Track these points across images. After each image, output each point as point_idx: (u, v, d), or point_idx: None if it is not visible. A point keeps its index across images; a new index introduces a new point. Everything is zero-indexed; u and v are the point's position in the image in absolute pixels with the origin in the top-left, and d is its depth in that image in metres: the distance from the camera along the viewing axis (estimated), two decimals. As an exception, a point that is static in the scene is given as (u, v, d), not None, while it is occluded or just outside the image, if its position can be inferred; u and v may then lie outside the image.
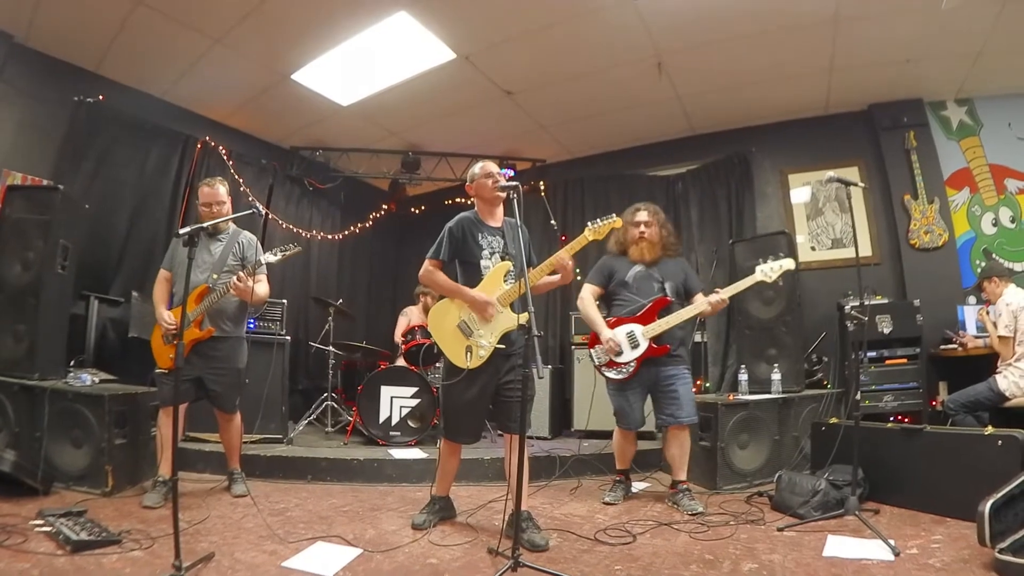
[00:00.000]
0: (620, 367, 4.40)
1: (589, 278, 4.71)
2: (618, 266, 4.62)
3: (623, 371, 4.39)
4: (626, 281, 4.53)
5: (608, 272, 4.64)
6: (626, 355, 4.37)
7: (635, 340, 4.35)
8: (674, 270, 4.58)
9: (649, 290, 4.47)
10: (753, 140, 7.61)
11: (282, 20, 5.64)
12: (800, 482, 4.02)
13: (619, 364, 4.39)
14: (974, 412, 5.07)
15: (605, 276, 4.64)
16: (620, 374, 4.41)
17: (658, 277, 4.51)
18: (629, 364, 4.37)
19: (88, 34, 5.80)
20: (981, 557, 2.93)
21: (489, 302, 3.56)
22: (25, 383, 4.36)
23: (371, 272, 9.91)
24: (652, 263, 4.54)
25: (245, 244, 4.47)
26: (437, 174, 8.66)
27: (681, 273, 4.61)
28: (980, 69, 6.25)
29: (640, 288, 4.49)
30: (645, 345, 4.33)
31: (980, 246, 6.63)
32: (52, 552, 2.94)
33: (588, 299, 4.61)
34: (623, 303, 4.52)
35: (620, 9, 5.42)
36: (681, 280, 4.57)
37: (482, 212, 3.85)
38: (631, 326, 4.39)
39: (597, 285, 4.65)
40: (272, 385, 5.75)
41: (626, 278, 4.54)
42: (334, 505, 4.28)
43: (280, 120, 7.86)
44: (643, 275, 4.52)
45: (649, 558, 3.18)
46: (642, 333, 4.34)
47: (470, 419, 3.73)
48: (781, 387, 5.33)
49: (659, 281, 4.49)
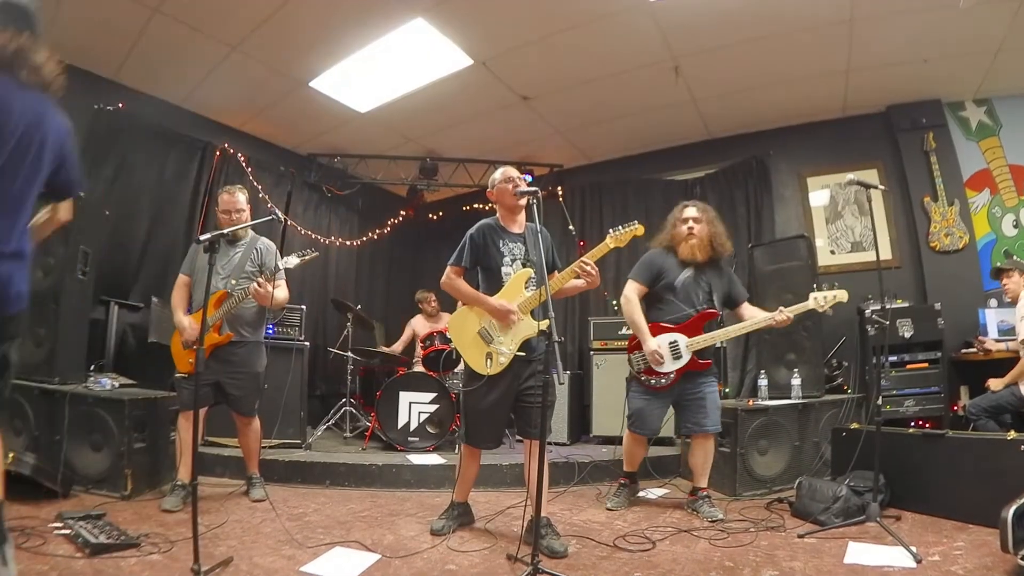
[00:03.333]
0: (660, 376, 4.27)
1: (634, 274, 4.48)
2: (668, 266, 4.39)
3: (662, 380, 4.27)
4: (674, 285, 4.33)
5: (657, 271, 4.41)
6: (667, 366, 4.23)
7: (678, 351, 4.21)
8: (721, 278, 4.43)
9: (695, 298, 4.32)
10: (771, 143, 7.57)
11: (299, 27, 5.67)
12: (821, 488, 3.97)
13: (659, 374, 4.27)
14: (996, 417, 5.00)
15: (653, 274, 4.41)
16: (659, 383, 4.28)
17: (706, 287, 4.35)
18: (670, 375, 4.25)
19: (106, 42, 5.85)
20: (1004, 564, 2.89)
21: (510, 309, 3.55)
22: (46, 387, 4.39)
23: (389, 278, 9.94)
24: (702, 265, 4.36)
25: (263, 250, 4.49)
26: (455, 180, 8.68)
27: (726, 281, 4.46)
28: (998, 68, 6.18)
29: (687, 295, 4.32)
30: (688, 358, 4.20)
31: (1001, 248, 6.55)
32: (71, 555, 2.95)
33: (634, 300, 4.37)
34: (667, 308, 4.34)
35: (636, 13, 5.42)
36: (726, 289, 4.44)
37: (504, 218, 3.82)
38: (674, 335, 4.24)
39: (643, 283, 4.42)
40: (291, 390, 5.75)
41: (675, 282, 4.33)
42: (352, 510, 4.29)
43: (298, 127, 7.90)
44: (691, 282, 4.34)
45: (669, 565, 3.16)
46: (686, 345, 4.20)
47: (490, 424, 3.71)
48: (801, 392, 5.28)
49: (707, 291, 4.35)
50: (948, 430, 4.29)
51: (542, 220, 3.31)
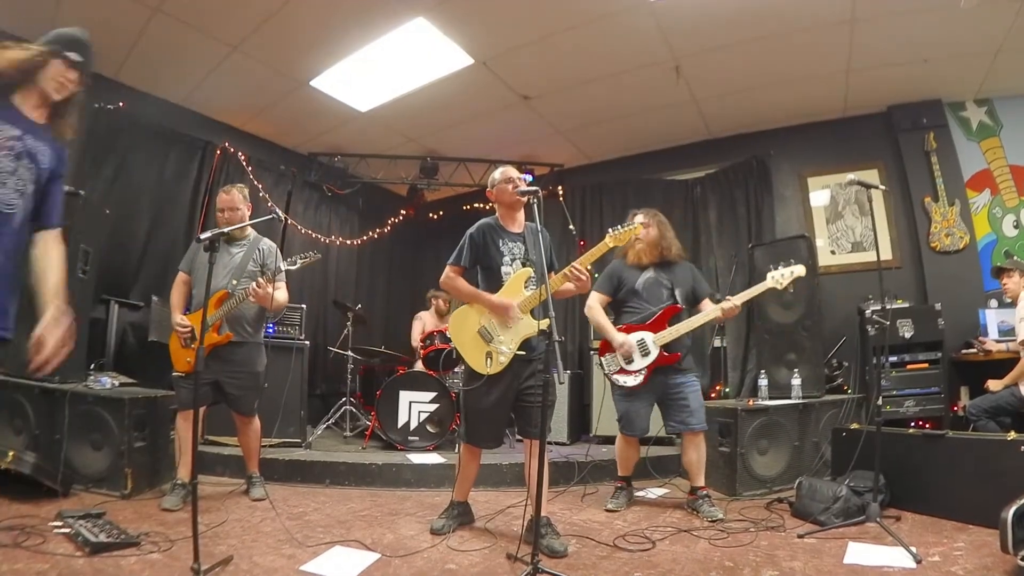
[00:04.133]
0: (631, 374, 4.35)
1: (596, 286, 4.63)
2: (627, 274, 4.57)
3: (634, 379, 4.35)
4: (636, 289, 4.49)
5: (616, 280, 4.59)
6: (637, 362, 4.33)
7: (646, 348, 4.32)
8: (683, 276, 4.54)
9: (659, 297, 4.44)
10: (771, 143, 7.56)
11: (299, 27, 5.67)
12: (821, 488, 3.97)
13: (630, 371, 4.35)
14: (996, 417, 4.99)
15: (613, 284, 4.60)
16: (631, 381, 4.36)
17: (667, 284, 4.47)
18: (640, 371, 4.32)
19: (107, 42, 5.82)
20: (1004, 565, 2.89)
21: (510, 305, 3.55)
22: (46, 386, 4.39)
23: (390, 277, 9.94)
24: (659, 267, 4.50)
25: (265, 251, 4.49)
26: (455, 179, 8.68)
27: (690, 278, 4.56)
28: (999, 68, 6.17)
29: (650, 295, 4.45)
30: (656, 353, 4.29)
31: (1001, 248, 6.54)
32: (71, 553, 2.95)
33: (596, 307, 4.59)
34: (633, 310, 4.48)
35: (637, 13, 5.42)
36: (690, 286, 4.53)
37: (503, 218, 3.83)
38: (641, 334, 4.35)
39: (604, 293, 4.62)
40: (291, 389, 5.73)
41: (636, 286, 4.49)
42: (352, 509, 4.29)
43: (298, 126, 7.90)
44: (653, 281, 4.48)
45: (668, 564, 3.16)
46: (653, 341, 4.30)
47: (490, 424, 3.71)
48: (801, 392, 5.28)
49: (669, 288, 4.46)
50: (948, 430, 4.29)
51: (542, 220, 3.31)
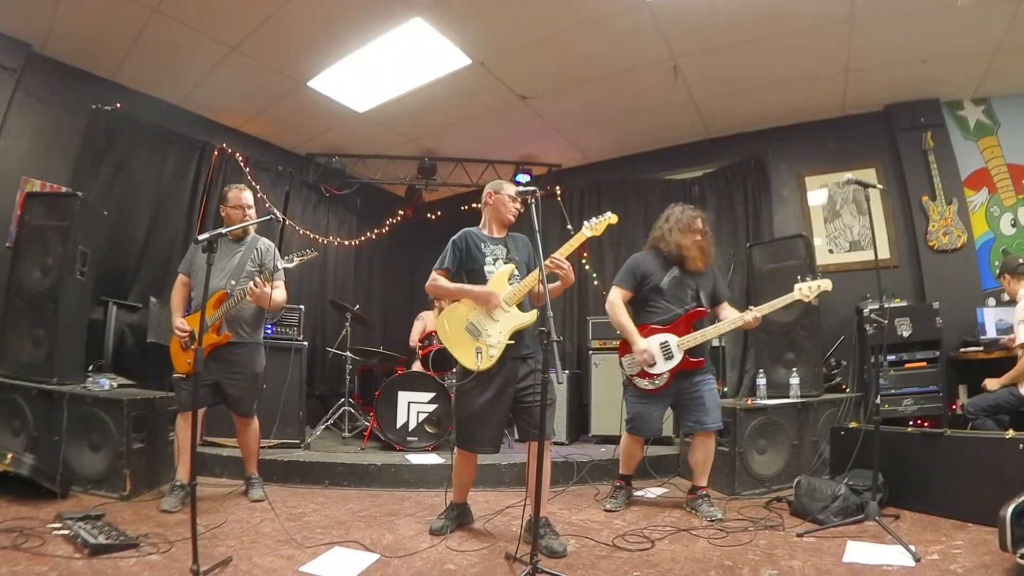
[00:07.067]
0: (653, 378, 4.24)
1: (619, 280, 4.46)
2: (652, 269, 4.37)
3: (655, 382, 4.24)
4: (660, 287, 4.31)
5: (641, 275, 4.38)
6: (659, 366, 4.20)
7: (669, 351, 4.19)
8: (705, 278, 4.42)
9: (683, 298, 4.31)
10: (769, 143, 7.56)
11: (297, 27, 5.66)
12: (819, 487, 3.97)
13: (652, 375, 4.24)
14: (994, 416, 5.00)
15: (638, 279, 4.38)
16: (652, 385, 4.25)
17: (692, 285, 4.34)
18: (662, 375, 4.22)
19: (105, 42, 5.85)
20: (1002, 563, 2.91)
21: (492, 292, 3.58)
22: (44, 387, 4.39)
23: (388, 277, 9.92)
24: (685, 267, 4.35)
25: (263, 250, 4.49)
26: (453, 179, 8.66)
27: (712, 280, 4.46)
28: (997, 68, 6.17)
29: (673, 295, 4.31)
30: (680, 357, 4.18)
31: (999, 247, 6.53)
32: (70, 555, 2.96)
33: (619, 304, 4.36)
34: (655, 310, 4.33)
35: (635, 13, 5.41)
36: (711, 288, 4.43)
37: (486, 227, 3.91)
38: (664, 336, 4.22)
39: (628, 288, 4.40)
40: (289, 390, 5.74)
41: (661, 284, 4.32)
42: (351, 510, 4.29)
43: (296, 127, 7.89)
44: (677, 281, 4.33)
45: (668, 564, 3.17)
46: (677, 345, 4.18)
47: (484, 427, 3.66)
48: (799, 392, 5.29)
49: (694, 289, 4.34)
50: (946, 429, 4.30)
51: (541, 221, 3.30)
